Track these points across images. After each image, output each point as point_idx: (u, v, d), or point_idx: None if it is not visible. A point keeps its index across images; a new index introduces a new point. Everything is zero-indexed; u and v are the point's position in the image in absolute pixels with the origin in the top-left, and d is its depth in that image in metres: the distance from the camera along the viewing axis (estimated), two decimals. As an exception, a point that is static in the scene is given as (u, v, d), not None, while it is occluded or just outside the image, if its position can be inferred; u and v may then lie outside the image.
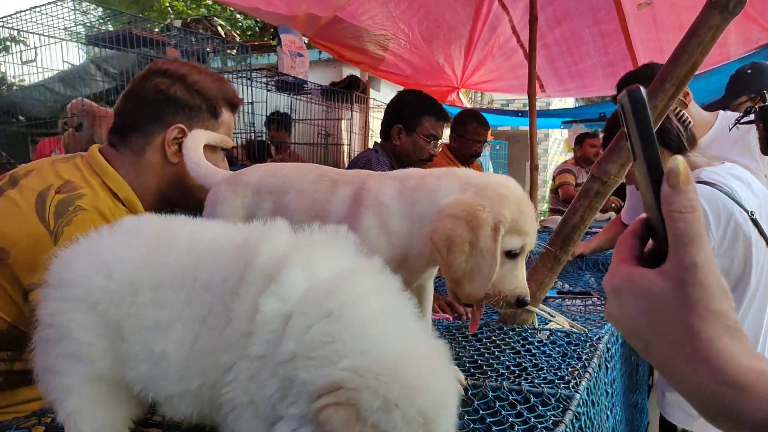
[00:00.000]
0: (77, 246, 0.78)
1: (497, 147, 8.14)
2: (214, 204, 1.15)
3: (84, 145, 3.14)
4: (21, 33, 3.26)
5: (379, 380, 0.58)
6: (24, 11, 2.94)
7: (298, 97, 3.96)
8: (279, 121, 3.92)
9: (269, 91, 3.64)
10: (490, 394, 1.00)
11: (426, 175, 1.03)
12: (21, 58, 3.34)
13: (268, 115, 3.80)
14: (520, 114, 6.28)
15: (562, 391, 0.96)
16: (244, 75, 3.35)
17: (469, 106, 6.08)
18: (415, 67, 5.42)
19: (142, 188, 1.34)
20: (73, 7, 3.38)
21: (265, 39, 7.87)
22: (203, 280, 0.71)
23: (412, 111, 2.63)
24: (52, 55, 3.39)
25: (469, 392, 1.01)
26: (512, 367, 1.14)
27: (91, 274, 0.74)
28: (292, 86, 3.84)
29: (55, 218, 1.15)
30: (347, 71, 5.58)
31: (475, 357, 1.20)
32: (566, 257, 1.37)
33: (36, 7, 2.96)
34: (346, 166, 3.60)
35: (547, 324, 1.45)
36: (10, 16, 2.97)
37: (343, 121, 4.35)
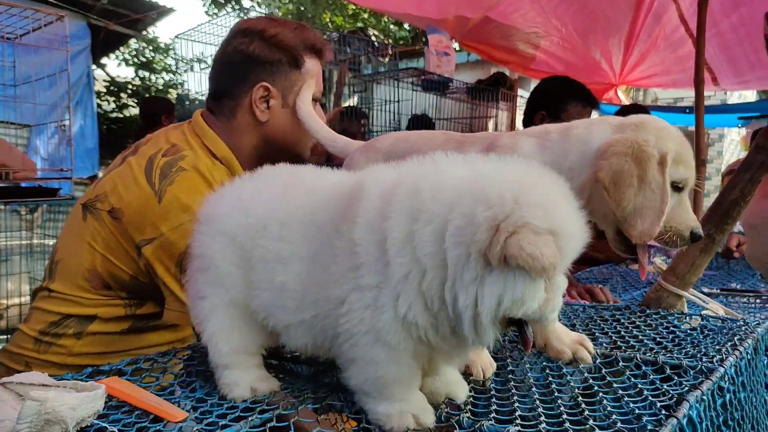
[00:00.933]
0: (223, 190, 0.90)
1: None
2: (348, 169, 1.23)
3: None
4: (201, 45, 3.74)
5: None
6: (203, 24, 3.36)
7: (444, 96, 4.02)
8: (420, 124, 4.01)
9: (415, 90, 3.74)
10: (621, 363, 0.95)
11: (570, 126, 1.01)
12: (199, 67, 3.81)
13: (411, 115, 3.90)
14: (687, 110, 5.69)
15: (704, 365, 0.88)
16: (390, 76, 3.48)
17: (627, 103, 5.68)
18: (568, 64, 5.20)
19: (238, 148, 1.40)
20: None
21: (417, 46, 8.10)
22: (317, 221, 0.77)
23: (557, 96, 2.49)
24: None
25: (597, 360, 0.97)
26: (651, 344, 1.06)
27: (232, 211, 0.85)
28: (438, 85, 3.91)
29: (160, 179, 1.24)
30: (498, 70, 5.53)
31: (613, 337, 1.13)
32: (722, 237, 1.23)
33: (216, 18, 3.38)
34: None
35: (698, 311, 1.32)
36: (192, 29, 3.41)
37: (490, 119, 4.32)
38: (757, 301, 1.67)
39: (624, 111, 2.91)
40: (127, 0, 6.54)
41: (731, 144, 9.57)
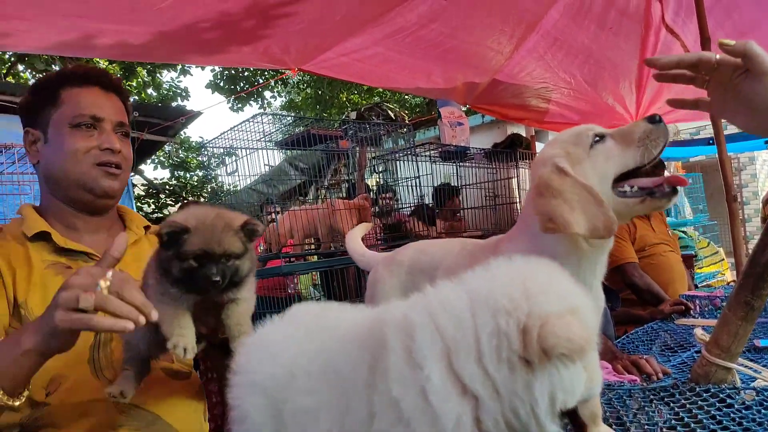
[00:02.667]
0: (256, 335, 0.91)
1: (690, 180, 7.28)
2: (374, 284, 1.25)
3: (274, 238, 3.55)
4: (231, 148, 3.92)
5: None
6: (226, 131, 3.53)
7: (463, 164, 4.06)
8: (444, 193, 4.05)
9: (434, 162, 3.80)
10: (672, 467, 0.89)
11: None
12: (226, 170, 3.97)
13: (435, 186, 3.95)
14: (710, 141, 5.61)
15: (762, 465, 0.82)
16: (408, 152, 3.56)
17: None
18: (583, 113, 5.22)
19: (44, 202, 1.50)
20: (270, 120, 3.97)
21: (432, 113, 8.29)
22: (339, 369, 0.75)
23: None
24: (255, 161, 3.99)
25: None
26: (704, 435, 1.00)
27: (262, 360, 0.85)
28: (456, 154, 3.97)
29: None
30: (512, 129, 5.60)
31: (672, 423, 1.07)
32: (761, 302, 1.18)
33: (239, 124, 3.55)
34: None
35: (752, 382, 1.24)
36: (218, 136, 3.58)
37: (511, 179, 4.33)
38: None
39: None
40: (157, 110, 6.95)
41: (764, 165, 9.28)
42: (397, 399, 0.67)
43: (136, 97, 11.47)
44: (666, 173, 3.27)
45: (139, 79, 11.52)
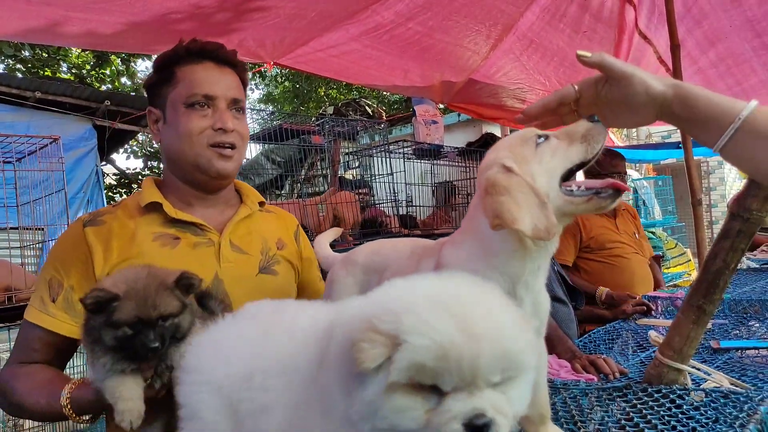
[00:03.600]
0: (203, 336, 0.91)
1: (660, 183, 7.44)
2: (330, 283, 1.27)
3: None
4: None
5: None
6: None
7: (437, 162, 4.08)
8: (446, 191, 4.08)
9: (409, 160, 3.81)
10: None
11: (465, 220, 1.08)
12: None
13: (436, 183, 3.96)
14: (679, 145, 5.73)
15: (702, 465, 0.85)
16: (382, 149, 3.56)
17: (621, 144, 5.72)
18: (558, 114, 5.30)
19: (164, 177, 1.55)
20: (249, 111, 3.94)
21: (410, 110, 8.33)
22: (299, 368, 0.77)
23: None
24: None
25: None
26: (651, 436, 1.03)
27: (214, 361, 0.85)
28: (430, 152, 3.99)
29: None
30: (487, 128, 5.64)
31: (622, 423, 1.10)
32: (712, 307, 1.22)
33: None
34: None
35: (703, 383, 1.28)
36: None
37: (485, 178, 4.36)
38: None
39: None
40: (129, 99, 6.82)
41: (732, 169, 9.54)
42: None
43: (110, 86, 11.24)
44: (630, 170, 3.31)
45: (113, 68, 11.30)
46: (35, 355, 1.31)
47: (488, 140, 4.74)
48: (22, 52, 9.32)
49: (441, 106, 5.83)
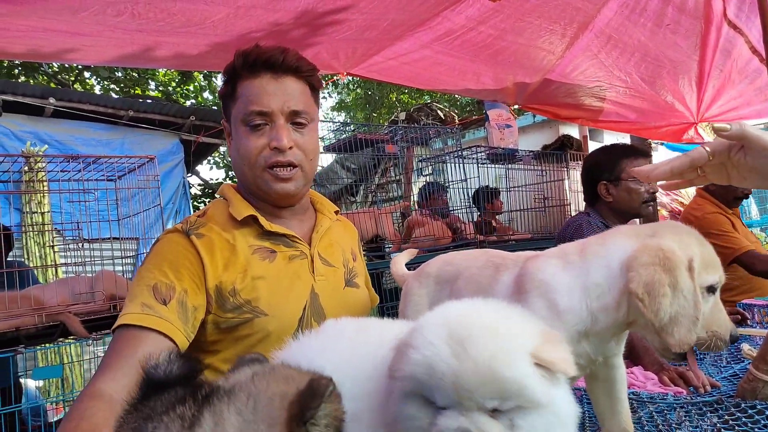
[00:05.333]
0: (287, 349, 0.93)
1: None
2: (405, 296, 1.30)
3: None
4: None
5: None
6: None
7: (512, 166, 4.02)
8: (484, 195, 4.04)
9: (482, 165, 3.78)
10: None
11: (585, 244, 1.00)
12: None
13: (476, 189, 3.94)
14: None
15: (803, 489, 0.80)
16: (455, 155, 3.56)
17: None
18: (640, 111, 5.06)
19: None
20: (326, 126, 4.07)
21: (483, 112, 8.24)
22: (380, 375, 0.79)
23: (608, 163, 2.57)
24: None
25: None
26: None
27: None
28: (504, 157, 3.93)
29: None
30: (564, 129, 5.48)
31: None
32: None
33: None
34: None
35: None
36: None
37: (562, 182, 4.25)
38: None
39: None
40: (212, 113, 7.19)
41: None
42: None
43: (193, 101, 11.87)
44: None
45: (196, 84, 11.94)
46: (125, 366, 1.11)
47: (564, 143, 4.62)
48: (116, 73, 10.04)
49: (515, 107, 5.74)
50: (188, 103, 11.62)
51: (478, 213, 3.85)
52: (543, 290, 0.97)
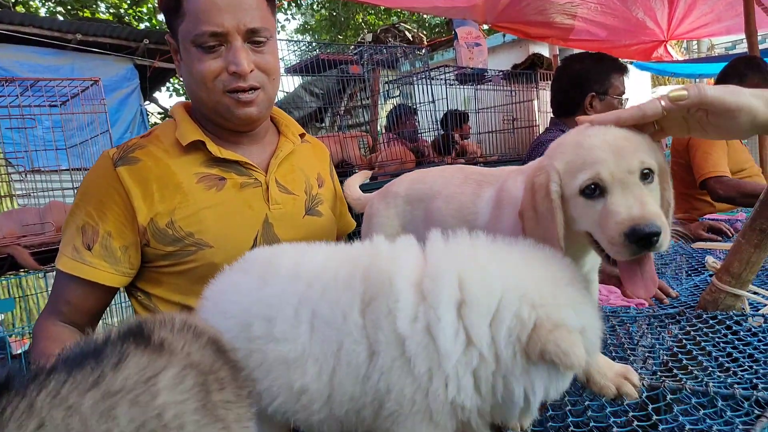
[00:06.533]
0: (208, 290, 0.86)
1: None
2: (369, 217, 1.23)
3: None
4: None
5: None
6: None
7: (480, 87, 3.92)
8: (454, 119, 3.95)
9: (451, 86, 3.67)
10: (669, 397, 0.89)
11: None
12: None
13: (444, 112, 3.85)
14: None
15: (760, 393, 0.81)
16: (423, 76, 3.44)
17: (680, 57, 5.35)
18: (611, 29, 4.97)
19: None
20: (288, 46, 3.86)
21: (452, 33, 7.98)
22: (324, 315, 0.74)
23: (598, 74, 2.47)
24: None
25: (644, 395, 0.91)
26: (705, 363, 0.99)
27: (214, 316, 0.81)
28: (473, 77, 3.83)
29: None
30: (534, 49, 5.35)
31: (664, 357, 1.07)
32: (777, 230, 1.13)
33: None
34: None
35: (762, 308, 1.22)
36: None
37: (531, 102, 4.19)
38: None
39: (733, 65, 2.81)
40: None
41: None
42: (403, 336, 0.70)
43: (147, 24, 11.22)
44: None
45: (149, 5, 11.24)
46: (69, 309, 1.23)
47: (535, 61, 4.50)
48: (63, -7, 9.36)
49: (485, 27, 5.55)
50: (142, 26, 10.97)
51: (443, 133, 3.78)
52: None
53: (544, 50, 5.42)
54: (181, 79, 1.34)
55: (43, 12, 10.14)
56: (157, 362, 0.53)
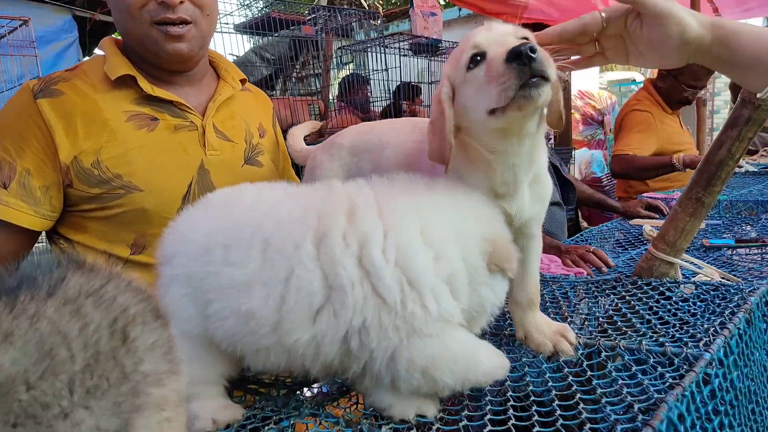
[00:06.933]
0: (170, 226, 0.86)
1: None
2: (311, 169, 1.19)
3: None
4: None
5: None
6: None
7: (435, 58, 3.90)
8: (406, 91, 3.93)
9: (404, 56, 3.63)
10: (603, 354, 0.90)
11: None
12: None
13: (398, 84, 3.81)
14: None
15: (690, 351, 0.84)
16: (377, 43, 3.38)
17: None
18: (563, 9, 5.03)
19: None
20: (239, 2, 3.69)
21: (409, 4, 7.90)
22: (275, 245, 0.74)
23: None
24: (217, 49, 3.74)
25: (580, 351, 0.93)
26: (638, 325, 1.02)
27: (173, 242, 0.82)
28: (428, 47, 3.79)
29: None
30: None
31: (600, 319, 1.10)
32: (711, 199, 1.17)
33: None
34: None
35: (693, 277, 1.27)
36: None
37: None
38: (764, 252, 1.61)
39: None
40: (109, -13, 6.41)
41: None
42: (378, 267, 0.72)
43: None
44: (636, 73, 3.21)
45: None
46: None
47: (489, 35, 4.50)
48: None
49: (441, 0, 5.50)
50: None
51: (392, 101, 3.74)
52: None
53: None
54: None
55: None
56: (97, 277, 0.53)
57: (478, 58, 0.80)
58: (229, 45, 4.76)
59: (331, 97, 4.64)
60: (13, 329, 0.44)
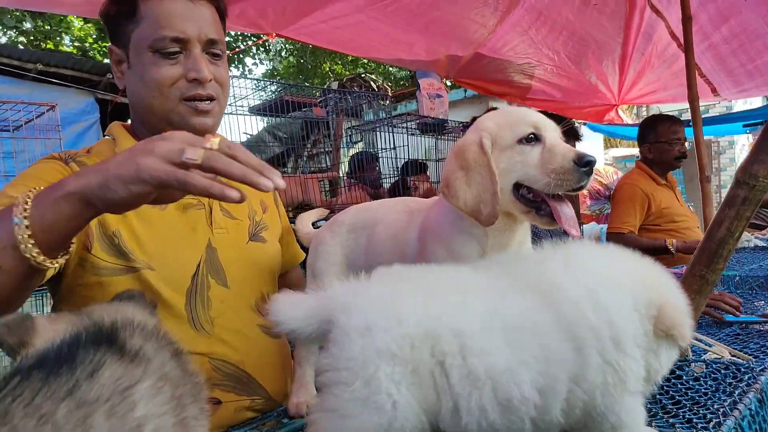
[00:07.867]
0: (353, 293, 0.77)
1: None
2: (315, 246, 1.25)
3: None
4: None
5: None
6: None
7: (441, 137, 4.03)
8: (414, 167, 4.05)
9: (412, 135, 3.77)
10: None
11: None
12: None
13: (405, 161, 3.93)
14: (690, 123, 5.65)
15: (700, 433, 0.83)
16: (385, 123, 3.52)
17: (631, 121, 5.64)
18: (565, 91, 5.21)
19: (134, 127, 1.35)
20: (245, 84, 3.89)
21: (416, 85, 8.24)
22: (529, 326, 0.77)
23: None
24: (233, 128, 3.88)
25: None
26: (649, 405, 1.01)
27: (385, 322, 0.72)
28: (434, 127, 3.94)
29: None
30: (494, 104, 5.55)
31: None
32: (715, 276, 1.18)
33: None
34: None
35: (704, 354, 1.25)
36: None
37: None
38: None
39: None
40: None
41: (743, 150, 9.33)
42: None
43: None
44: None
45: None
46: None
47: (493, 115, 4.67)
48: (24, 24, 9.23)
49: (447, 82, 5.75)
50: (106, 61, 10.89)
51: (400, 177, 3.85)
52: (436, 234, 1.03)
53: (503, 107, 5.64)
54: (122, 88, 1.29)
55: (3, 40, 9.97)
56: (134, 372, 0.50)
57: (532, 136, 0.94)
58: (244, 125, 4.97)
59: (341, 174, 4.77)
60: (18, 427, 0.43)
